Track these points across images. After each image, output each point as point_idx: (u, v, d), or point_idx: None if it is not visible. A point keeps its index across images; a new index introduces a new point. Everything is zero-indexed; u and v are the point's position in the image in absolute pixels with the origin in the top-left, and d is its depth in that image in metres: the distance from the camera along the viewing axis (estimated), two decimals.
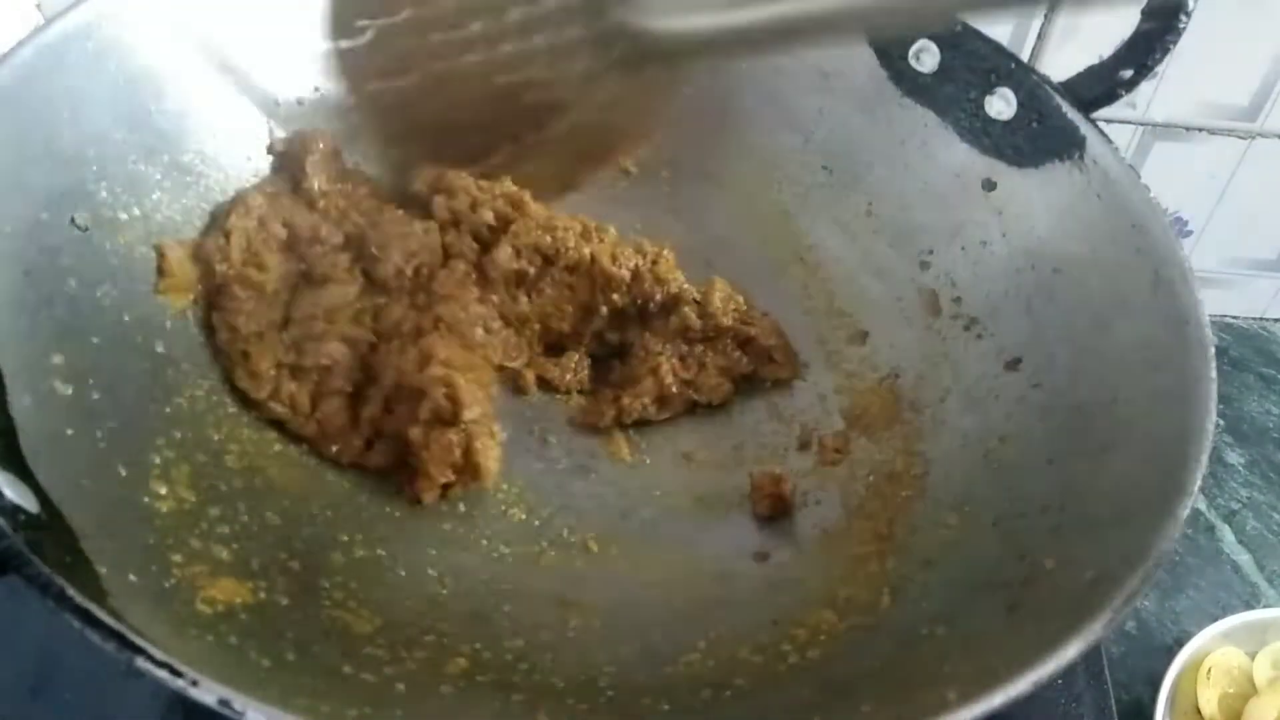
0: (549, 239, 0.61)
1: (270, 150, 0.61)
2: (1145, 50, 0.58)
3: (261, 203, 0.58)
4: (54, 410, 0.45)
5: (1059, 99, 0.61)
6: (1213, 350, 0.50)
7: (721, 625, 0.54)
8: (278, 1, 0.61)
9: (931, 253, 0.67)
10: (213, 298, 0.56)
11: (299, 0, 0.62)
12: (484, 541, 0.56)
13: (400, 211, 0.61)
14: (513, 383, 0.63)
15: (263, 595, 0.46)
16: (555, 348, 0.65)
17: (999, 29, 0.74)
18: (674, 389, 0.63)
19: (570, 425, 0.63)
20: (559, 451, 0.62)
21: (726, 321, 0.64)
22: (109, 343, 0.51)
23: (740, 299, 0.66)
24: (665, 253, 0.65)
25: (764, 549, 0.59)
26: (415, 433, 0.54)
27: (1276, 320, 0.98)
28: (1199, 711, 0.67)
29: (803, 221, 0.72)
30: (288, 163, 0.61)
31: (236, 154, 0.61)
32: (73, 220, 0.51)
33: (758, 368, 0.66)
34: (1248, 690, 0.68)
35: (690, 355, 0.64)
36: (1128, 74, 0.59)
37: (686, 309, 0.64)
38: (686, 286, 0.64)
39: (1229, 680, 0.68)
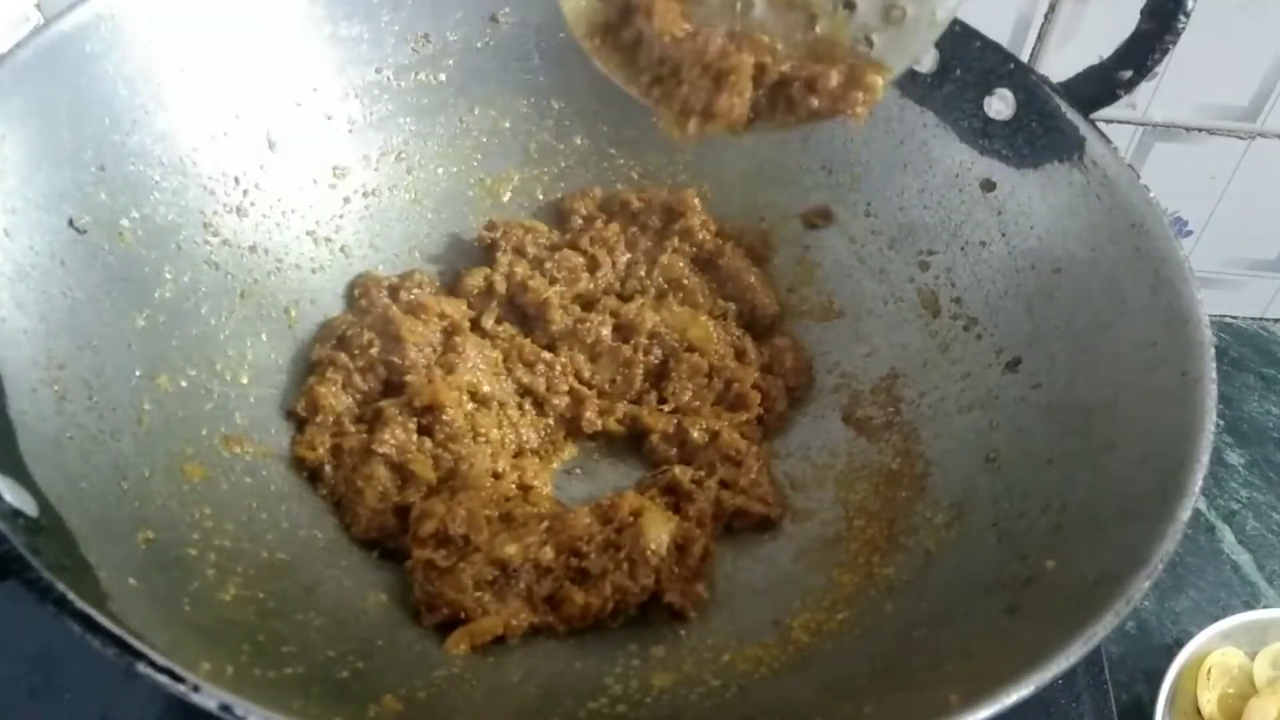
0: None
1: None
2: (1145, 51, 0.58)
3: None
4: (53, 413, 0.45)
5: (1058, 99, 0.60)
6: (1213, 350, 0.50)
7: (724, 627, 0.54)
8: (275, 5, 0.61)
9: (931, 253, 0.67)
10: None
11: (297, 3, 0.62)
12: None
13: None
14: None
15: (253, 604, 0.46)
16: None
17: (999, 29, 0.74)
18: None
19: None
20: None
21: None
22: (109, 345, 0.50)
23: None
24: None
25: (765, 550, 0.59)
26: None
27: (1276, 320, 0.98)
28: (1199, 711, 0.67)
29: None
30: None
31: (235, 155, 0.61)
32: (71, 222, 0.51)
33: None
34: (1248, 690, 0.68)
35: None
36: (1127, 74, 0.59)
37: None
38: None
39: (1229, 680, 0.68)
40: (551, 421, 0.63)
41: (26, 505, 0.39)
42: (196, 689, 0.34)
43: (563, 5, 0.50)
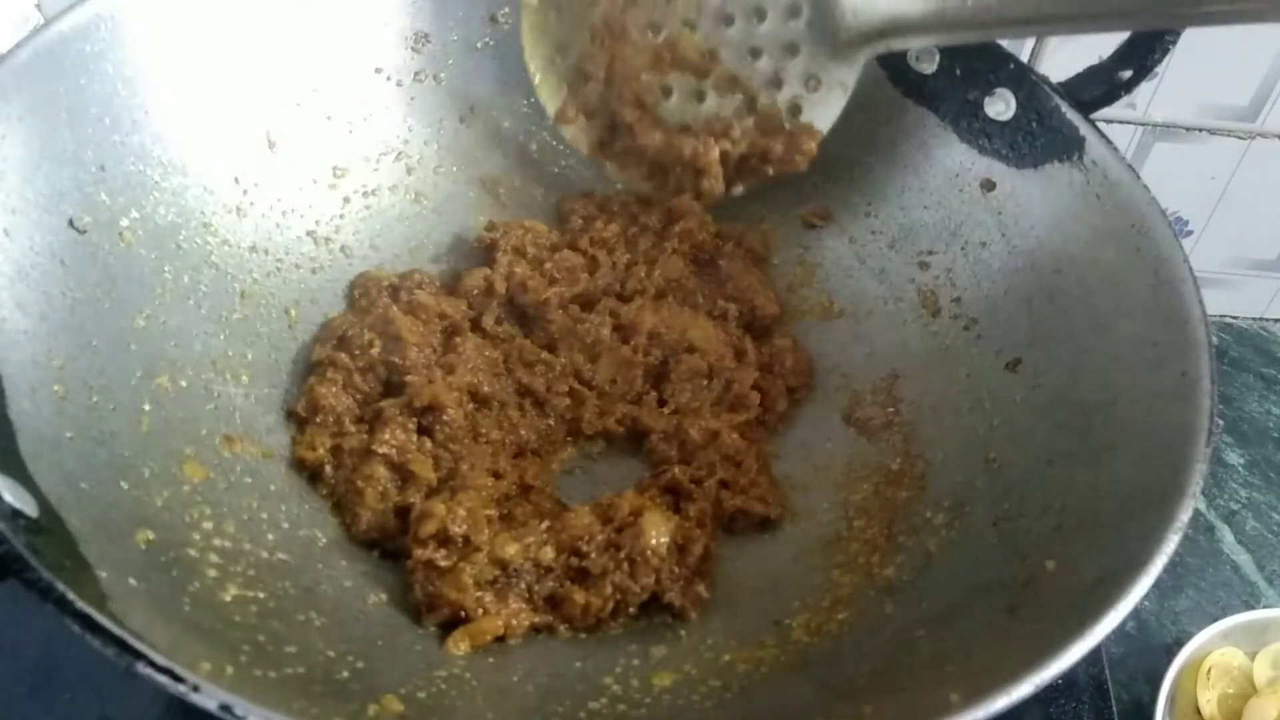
0: None
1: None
2: (1145, 50, 0.58)
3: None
4: (53, 413, 0.45)
5: (1058, 100, 0.61)
6: (1213, 350, 0.50)
7: (724, 627, 0.54)
8: (275, 6, 0.61)
9: (931, 253, 0.67)
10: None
11: (297, 4, 0.62)
12: None
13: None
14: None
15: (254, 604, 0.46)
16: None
17: None
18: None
19: None
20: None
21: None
22: (109, 346, 0.50)
23: None
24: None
25: (765, 550, 0.59)
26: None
27: (1276, 320, 0.98)
28: (1199, 711, 0.67)
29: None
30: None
31: (235, 155, 0.61)
32: (71, 222, 0.51)
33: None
34: (1248, 690, 0.68)
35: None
36: (1127, 74, 0.59)
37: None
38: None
39: (1229, 680, 0.68)
40: (551, 421, 0.63)
41: (26, 505, 0.39)
42: (197, 689, 0.34)
43: (564, 132, 0.65)
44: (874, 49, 0.60)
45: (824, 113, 0.62)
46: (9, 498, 0.38)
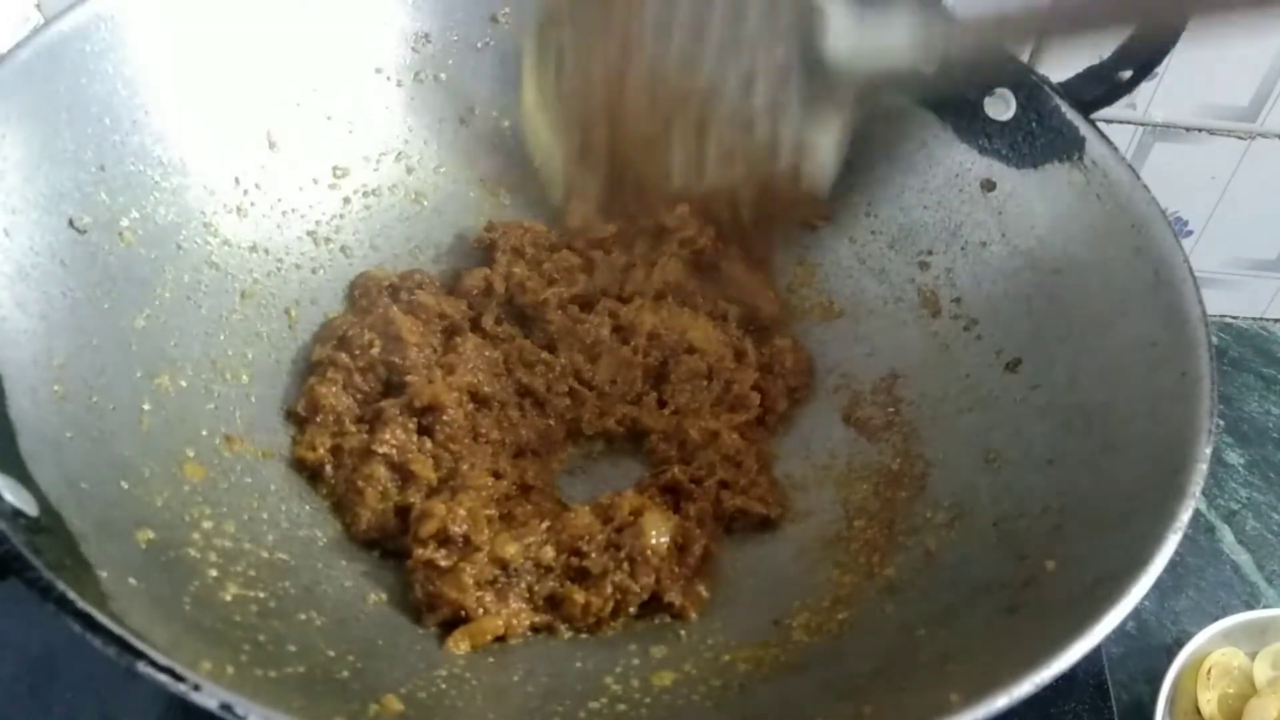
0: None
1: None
2: (1145, 51, 0.58)
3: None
4: (53, 413, 0.45)
5: (1058, 100, 0.61)
6: (1213, 350, 0.50)
7: (724, 627, 0.54)
8: (275, 6, 0.61)
9: (931, 253, 0.67)
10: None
11: (297, 4, 0.62)
12: None
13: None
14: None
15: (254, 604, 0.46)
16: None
17: None
18: None
19: None
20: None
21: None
22: (109, 345, 0.50)
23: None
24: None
25: (765, 550, 0.59)
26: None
27: (1276, 320, 0.98)
28: (1199, 711, 0.67)
29: None
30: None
31: (235, 155, 0.61)
32: (71, 222, 0.51)
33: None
34: (1248, 690, 0.68)
35: None
36: (1127, 74, 0.59)
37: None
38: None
39: (1229, 680, 0.68)
40: (551, 421, 0.63)
41: (27, 505, 0.39)
42: (197, 688, 0.34)
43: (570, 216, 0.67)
44: (871, 100, 0.61)
45: (821, 172, 0.63)
46: (9, 497, 0.38)
